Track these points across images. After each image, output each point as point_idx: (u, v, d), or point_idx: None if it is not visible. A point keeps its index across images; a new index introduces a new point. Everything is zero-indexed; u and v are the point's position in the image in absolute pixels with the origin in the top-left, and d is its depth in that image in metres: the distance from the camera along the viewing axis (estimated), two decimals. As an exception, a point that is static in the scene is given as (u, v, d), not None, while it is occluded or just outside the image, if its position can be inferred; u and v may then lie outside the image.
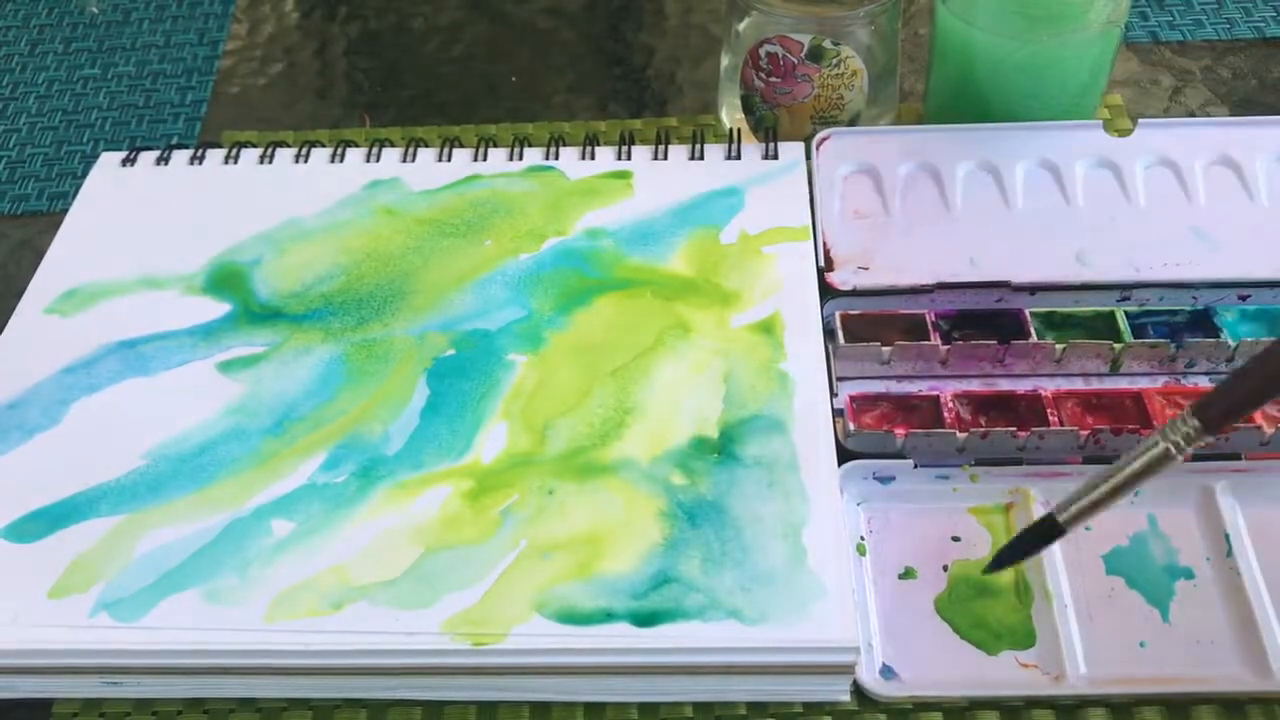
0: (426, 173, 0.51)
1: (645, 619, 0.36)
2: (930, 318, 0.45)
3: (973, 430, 0.41)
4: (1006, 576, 0.40)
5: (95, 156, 0.52)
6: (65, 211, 0.50)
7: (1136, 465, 0.32)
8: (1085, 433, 0.41)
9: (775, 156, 0.50)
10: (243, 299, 0.46)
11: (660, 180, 0.49)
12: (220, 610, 0.36)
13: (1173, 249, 0.46)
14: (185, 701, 0.39)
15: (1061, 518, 0.34)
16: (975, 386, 0.44)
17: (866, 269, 0.46)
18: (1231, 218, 0.47)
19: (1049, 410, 0.42)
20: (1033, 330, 0.44)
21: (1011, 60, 0.48)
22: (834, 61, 0.49)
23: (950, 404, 0.43)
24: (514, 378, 0.42)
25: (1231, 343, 0.44)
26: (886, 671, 0.38)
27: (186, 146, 0.53)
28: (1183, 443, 0.31)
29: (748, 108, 0.52)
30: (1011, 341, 0.44)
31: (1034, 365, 0.44)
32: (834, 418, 0.41)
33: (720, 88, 0.54)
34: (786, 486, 0.39)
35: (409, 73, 0.62)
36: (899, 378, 0.45)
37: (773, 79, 0.50)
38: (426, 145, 0.52)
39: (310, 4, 0.67)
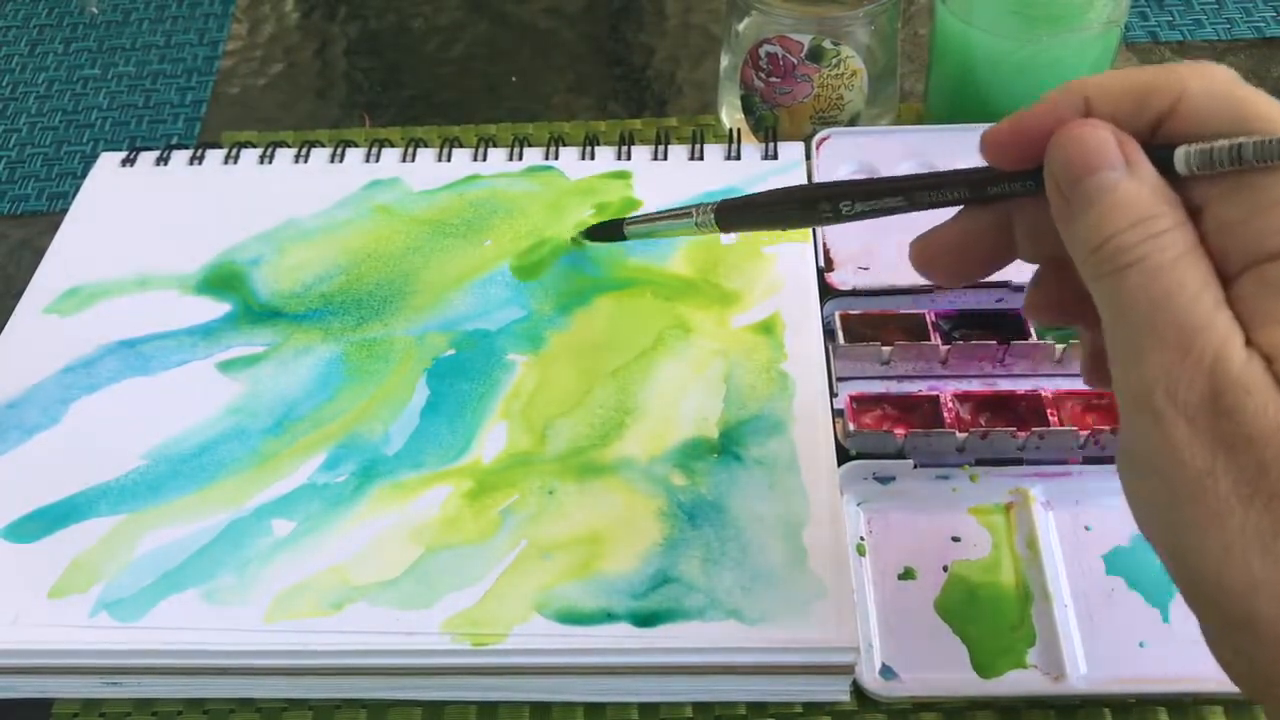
0: (426, 173, 0.51)
1: (645, 619, 0.36)
2: (930, 317, 0.45)
3: (973, 430, 0.41)
4: (1007, 577, 0.40)
5: (95, 156, 0.52)
6: (65, 211, 0.50)
7: (672, 221, 0.41)
8: (1085, 433, 0.41)
9: (775, 157, 0.50)
10: (242, 299, 0.46)
11: (660, 180, 0.49)
12: (220, 610, 0.36)
13: (1173, 249, 0.46)
14: (185, 701, 0.39)
15: (626, 228, 0.43)
16: (975, 386, 0.44)
17: (866, 269, 0.46)
18: (1231, 218, 0.47)
19: (1049, 410, 0.42)
20: (1033, 330, 0.44)
21: (1011, 60, 0.48)
22: (834, 61, 0.49)
23: (950, 404, 0.43)
24: (514, 378, 0.42)
25: (1231, 343, 0.43)
26: (886, 672, 0.38)
27: (186, 147, 0.53)
28: (702, 222, 0.39)
29: (747, 108, 0.52)
30: (1012, 341, 0.44)
31: (1034, 365, 0.44)
32: (834, 418, 0.41)
33: (720, 88, 0.54)
34: (786, 486, 0.39)
35: (409, 73, 0.62)
36: (899, 378, 0.45)
37: (772, 79, 0.50)
38: (426, 145, 0.52)
39: (310, 4, 0.67)
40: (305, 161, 0.51)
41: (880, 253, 0.47)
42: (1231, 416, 0.23)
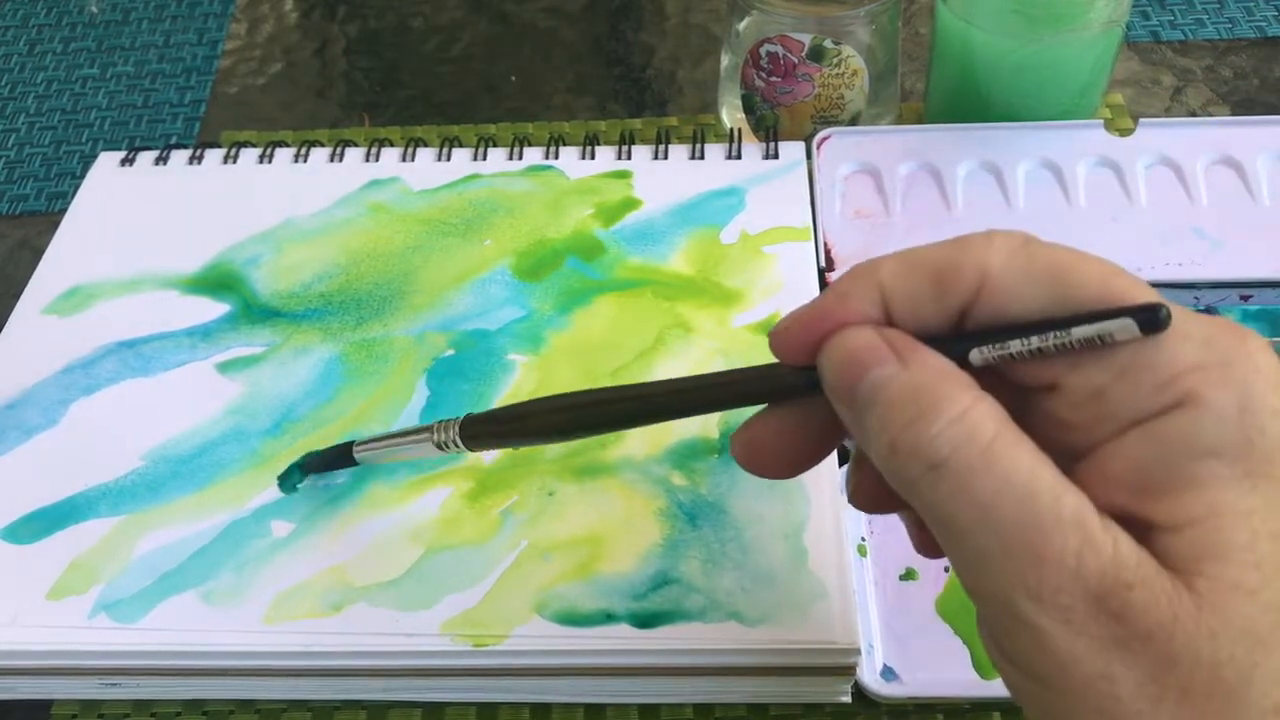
0: (426, 172, 0.50)
1: (646, 620, 0.36)
2: (931, 318, 0.45)
3: (974, 430, 0.41)
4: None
5: (94, 156, 0.52)
6: (64, 211, 0.50)
7: (408, 443, 0.35)
8: (1087, 433, 0.41)
9: (776, 156, 0.50)
10: (242, 299, 0.46)
11: (661, 180, 0.49)
12: (219, 611, 0.36)
13: (1174, 249, 0.46)
14: (184, 703, 0.39)
15: (357, 452, 0.37)
16: (976, 387, 0.44)
17: (867, 269, 0.46)
18: (1233, 218, 0.47)
19: (1050, 410, 0.42)
20: (1034, 330, 0.44)
21: (1012, 60, 0.48)
22: (835, 61, 0.49)
23: (951, 404, 0.43)
24: (514, 378, 0.42)
25: (1233, 343, 0.43)
26: (887, 673, 0.38)
27: (185, 146, 0.52)
28: (445, 445, 0.34)
29: (748, 107, 0.52)
30: (1013, 341, 0.44)
31: (1035, 365, 0.44)
32: (835, 418, 0.41)
33: (720, 87, 0.54)
34: (787, 487, 0.38)
35: (409, 73, 0.62)
36: (900, 378, 0.45)
37: (773, 78, 0.50)
38: (426, 145, 0.52)
39: (310, 4, 0.67)
40: (304, 161, 0.51)
41: (881, 253, 0.46)
42: (1121, 619, 0.20)
